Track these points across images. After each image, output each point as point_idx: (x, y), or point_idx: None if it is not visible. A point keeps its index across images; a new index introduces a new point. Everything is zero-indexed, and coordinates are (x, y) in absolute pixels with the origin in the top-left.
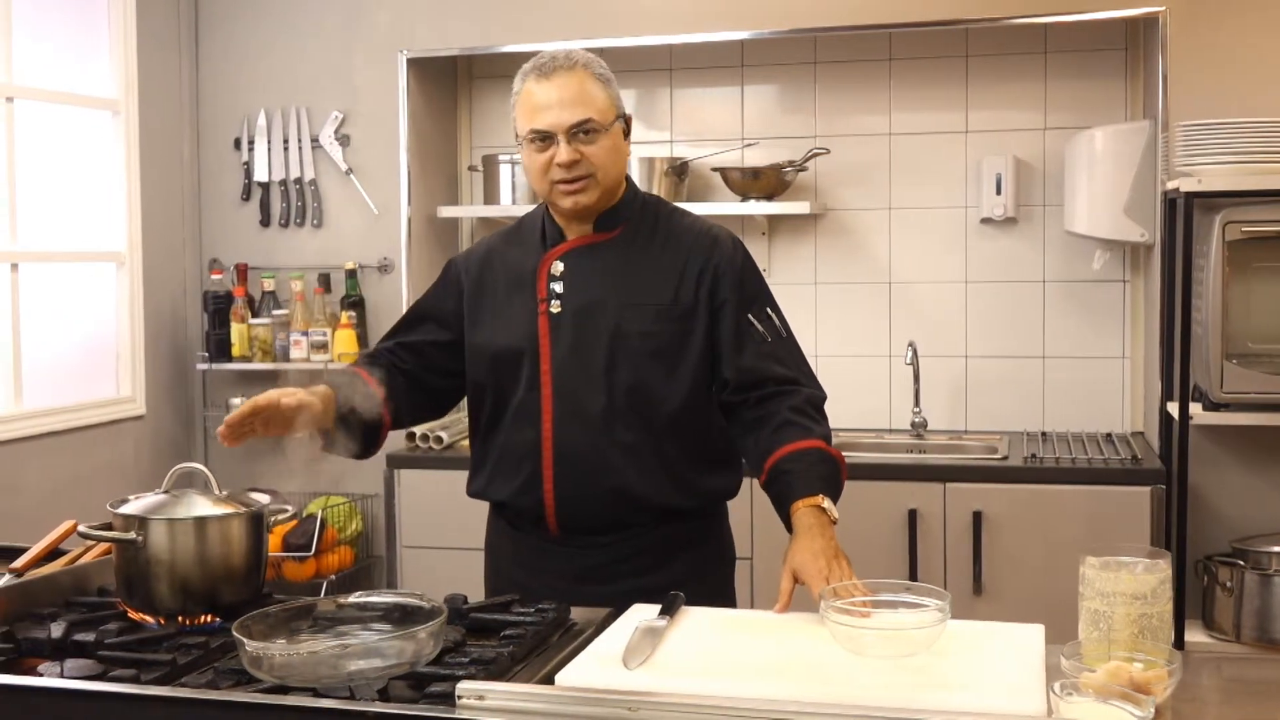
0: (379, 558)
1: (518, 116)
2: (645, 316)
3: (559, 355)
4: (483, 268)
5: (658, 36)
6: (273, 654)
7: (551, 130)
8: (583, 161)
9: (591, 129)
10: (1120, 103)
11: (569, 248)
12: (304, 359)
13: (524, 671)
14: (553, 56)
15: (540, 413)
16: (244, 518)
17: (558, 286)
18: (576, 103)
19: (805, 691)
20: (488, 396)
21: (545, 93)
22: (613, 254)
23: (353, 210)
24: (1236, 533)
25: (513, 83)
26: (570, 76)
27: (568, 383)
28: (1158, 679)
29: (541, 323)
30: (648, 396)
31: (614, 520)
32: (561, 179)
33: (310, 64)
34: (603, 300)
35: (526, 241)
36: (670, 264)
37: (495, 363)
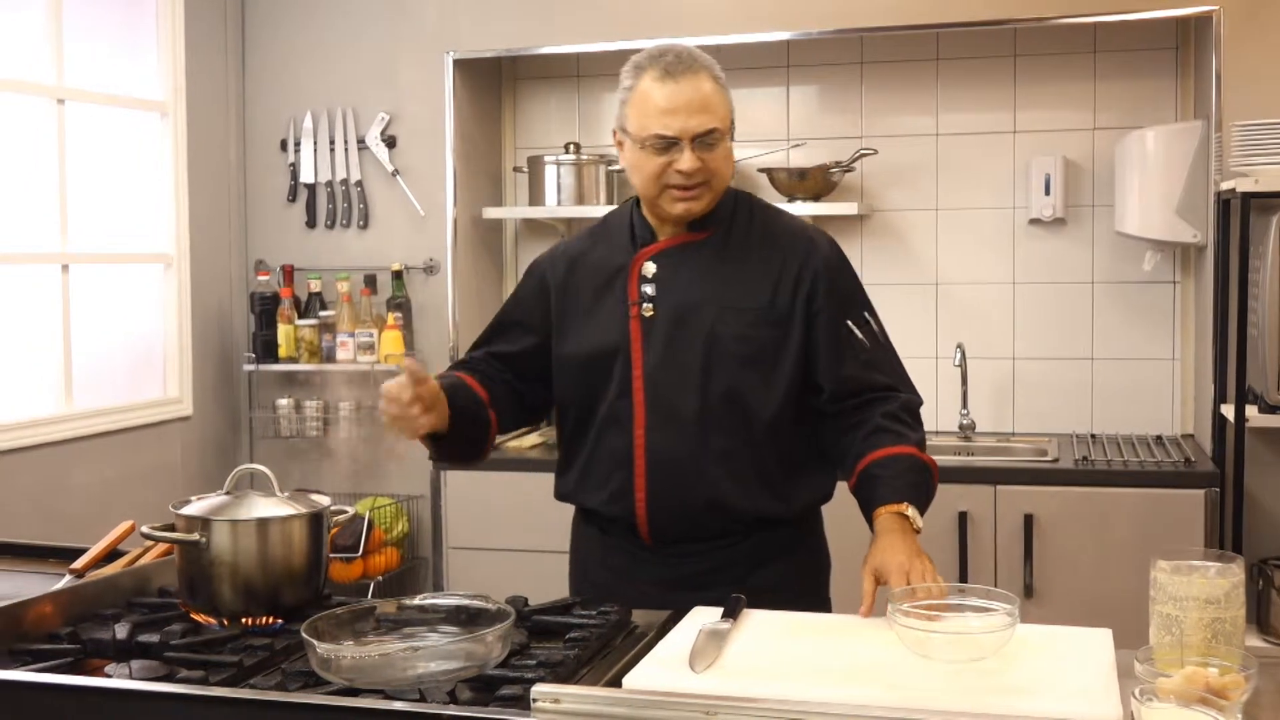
0: (425, 559)
1: (632, 115)
2: (741, 320)
3: (651, 360)
4: (569, 269)
5: (703, 37)
6: (343, 656)
7: (677, 137)
8: (702, 169)
9: (714, 137)
10: (1170, 103)
11: (661, 248)
12: (350, 360)
13: (590, 674)
14: (676, 55)
15: (632, 419)
16: (305, 519)
17: (649, 289)
18: (704, 109)
19: (878, 696)
20: (575, 401)
21: (670, 96)
22: (707, 255)
23: (398, 211)
24: None
25: (623, 76)
26: (695, 80)
27: (660, 388)
28: (1234, 684)
29: (633, 326)
30: (743, 403)
31: (708, 529)
32: (679, 185)
33: (356, 65)
34: (697, 303)
35: (614, 240)
36: (766, 266)
37: (585, 367)
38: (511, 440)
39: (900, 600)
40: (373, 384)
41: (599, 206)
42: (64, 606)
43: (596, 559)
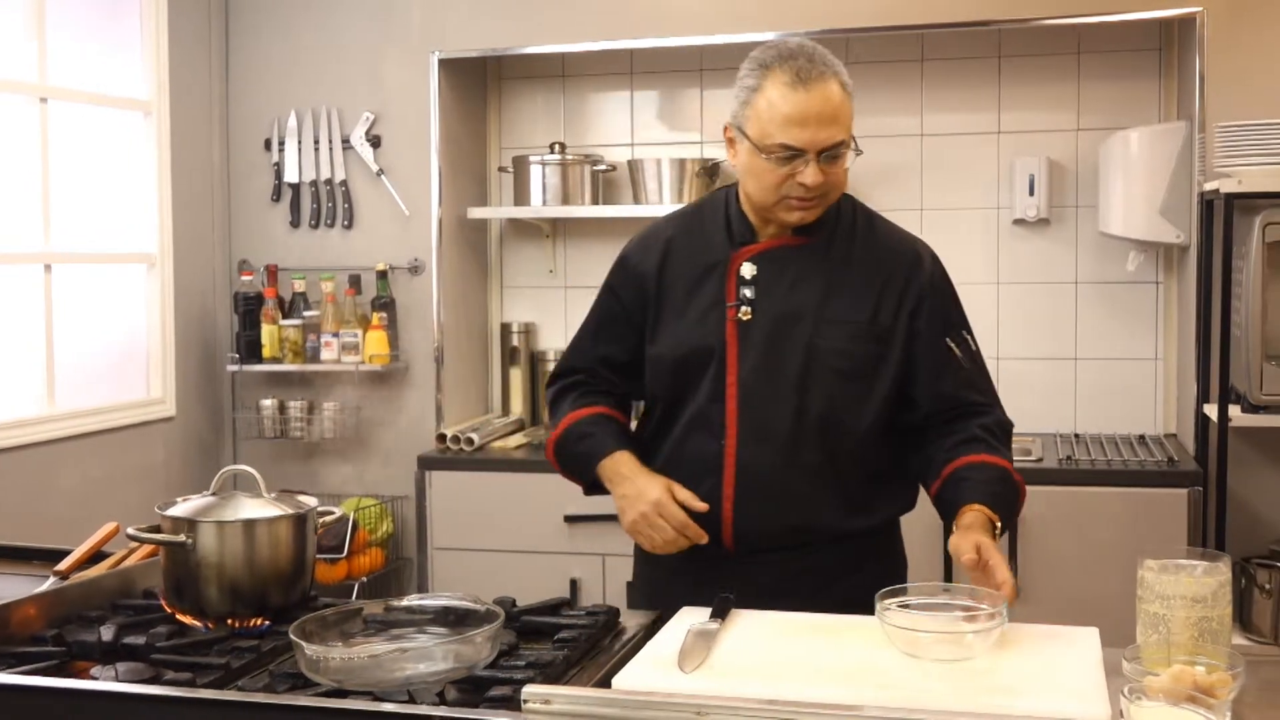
0: (409, 559)
1: (754, 118)
2: (842, 334)
3: (747, 366)
4: (664, 258)
5: (688, 38)
6: (331, 657)
7: (805, 149)
8: (824, 183)
9: (841, 151)
10: (1154, 104)
11: (762, 249)
12: (335, 360)
13: (580, 675)
14: (808, 59)
15: (723, 425)
16: (292, 520)
17: (748, 291)
18: (834, 121)
19: (869, 696)
20: (662, 398)
21: (801, 105)
22: (809, 261)
23: (383, 211)
24: (1274, 535)
25: (745, 73)
26: (826, 88)
27: (754, 398)
28: (1222, 683)
29: (729, 329)
30: (837, 419)
31: (791, 539)
32: (799, 196)
33: (341, 65)
34: (798, 312)
35: (709, 232)
36: (869, 279)
37: (678, 366)
38: (496, 441)
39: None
40: (357, 384)
41: (585, 207)
42: (48, 608)
43: (669, 566)
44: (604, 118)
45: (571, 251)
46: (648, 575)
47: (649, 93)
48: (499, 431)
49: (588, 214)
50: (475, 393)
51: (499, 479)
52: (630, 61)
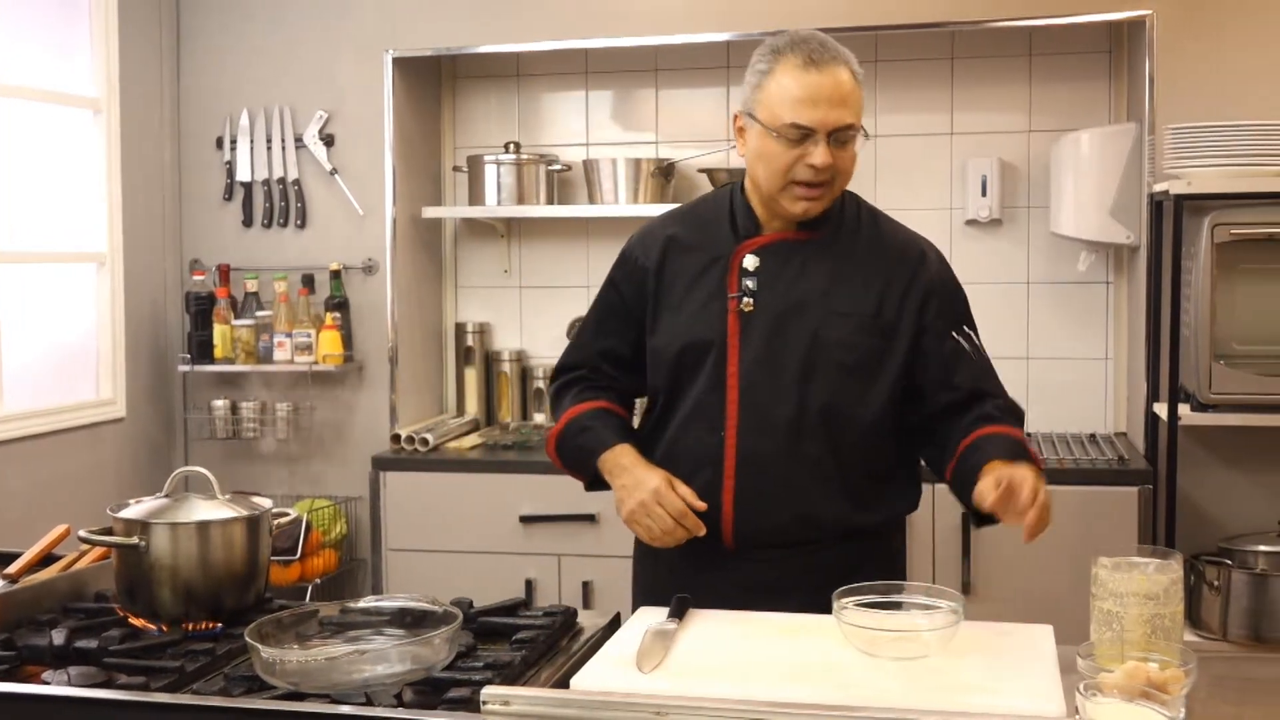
0: (363, 561)
1: (765, 101)
2: (846, 327)
3: (748, 357)
4: (665, 253)
5: (643, 37)
6: (288, 660)
7: (815, 128)
8: (832, 166)
9: (850, 134)
10: (1104, 105)
11: (766, 241)
12: (288, 361)
13: (538, 676)
14: (820, 43)
15: (723, 417)
16: (246, 522)
17: (750, 283)
18: (845, 103)
19: (827, 694)
20: (662, 389)
21: (812, 85)
22: (814, 255)
23: (337, 211)
24: (1223, 532)
25: (757, 59)
26: (839, 71)
27: (756, 389)
28: (1175, 679)
29: (731, 320)
30: (839, 412)
31: (793, 535)
32: (807, 181)
33: (294, 63)
34: (802, 304)
35: (711, 227)
36: (874, 273)
37: (678, 358)
38: (451, 441)
39: None
40: (310, 385)
41: (540, 206)
42: None
43: (668, 564)
44: (559, 117)
45: (526, 251)
46: (648, 574)
47: (604, 92)
48: (454, 432)
49: (543, 214)
50: (430, 393)
51: (454, 479)
52: (585, 61)
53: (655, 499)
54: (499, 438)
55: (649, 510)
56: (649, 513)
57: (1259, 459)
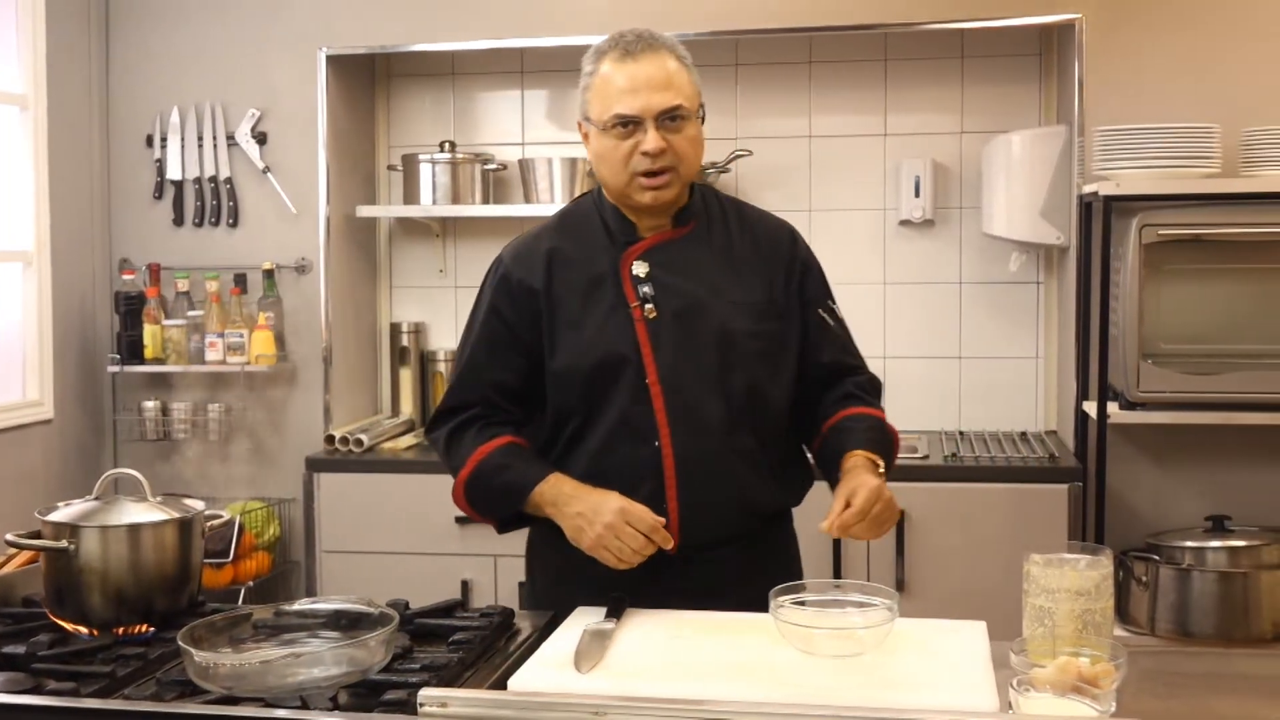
0: (297, 563)
1: (593, 100)
2: (749, 316)
3: (665, 362)
4: (549, 270)
5: (579, 37)
6: (221, 663)
7: (639, 116)
8: (668, 152)
9: (680, 115)
10: (1035, 107)
11: (648, 245)
12: (220, 361)
13: (475, 677)
14: (636, 35)
15: (654, 426)
16: (177, 524)
17: (646, 289)
18: (666, 86)
19: (764, 692)
20: (576, 411)
21: (631, 75)
22: (695, 251)
23: (269, 209)
24: (1151, 528)
25: (584, 65)
26: (657, 58)
27: (681, 392)
28: (1106, 673)
29: (639, 329)
30: (761, 399)
31: (735, 527)
32: (646, 170)
33: (226, 60)
34: (701, 302)
35: (586, 239)
36: (756, 260)
37: (590, 377)
38: (385, 441)
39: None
40: (243, 385)
41: (475, 206)
42: None
43: (594, 580)
44: (494, 117)
45: (462, 251)
46: (558, 591)
47: (539, 92)
48: (389, 432)
49: (478, 213)
50: (364, 393)
51: (389, 480)
52: (520, 61)
53: (622, 518)
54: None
55: (618, 532)
56: (619, 534)
57: (1185, 456)
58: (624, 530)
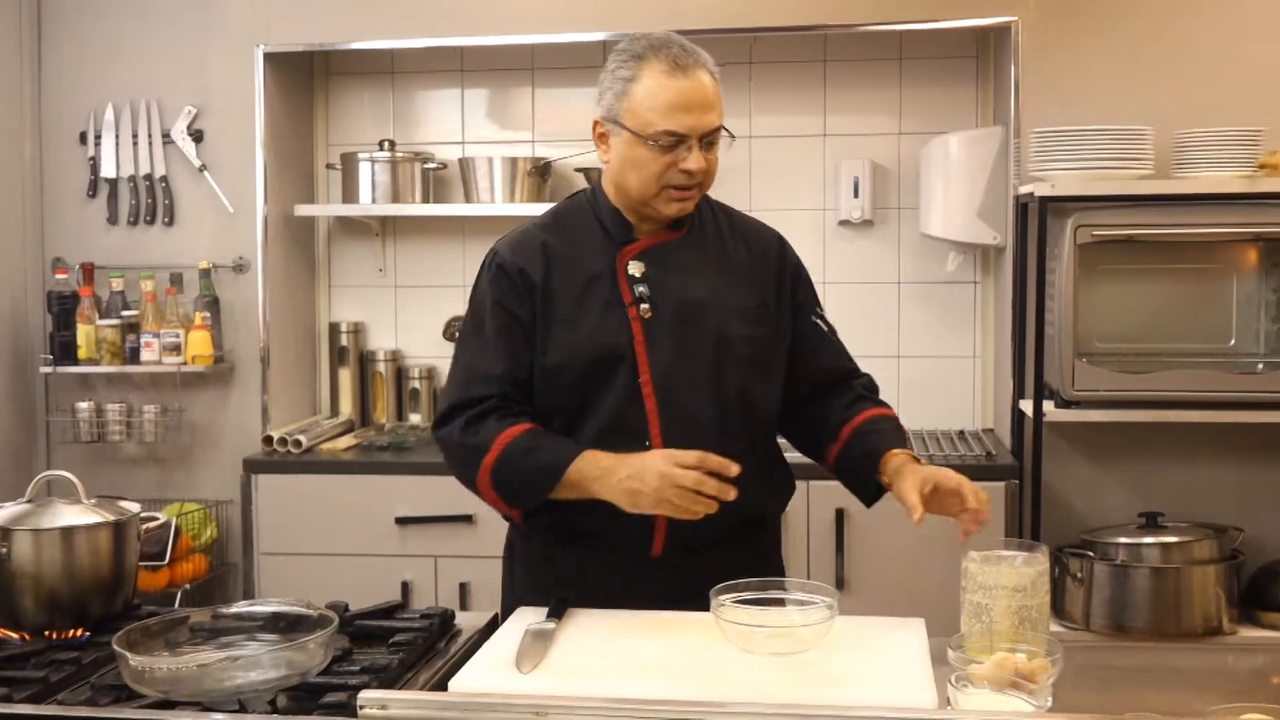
0: (235, 565)
1: (635, 110)
2: (744, 320)
3: (660, 363)
4: (548, 266)
5: (519, 36)
6: (158, 667)
7: (688, 134)
8: (704, 169)
9: (718, 138)
10: (972, 109)
11: (645, 246)
12: (155, 361)
13: (416, 679)
14: (681, 48)
15: (645, 427)
16: (112, 527)
17: (642, 288)
18: (712, 107)
19: (705, 690)
20: (563, 409)
21: (684, 92)
22: (691, 253)
23: (206, 208)
24: (1086, 525)
25: (617, 65)
26: (703, 75)
27: (674, 394)
28: (1042, 668)
29: (635, 328)
30: (751, 403)
31: (720, 531)
32: (681, 184)
33: (162, 57)
34: (699, 303)
35: (582, 237)
36: (748, 265)
37: (583, 375)
38: (324, 442)
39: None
40: (179, 386)
41: (415, 205)
42: None
43: (574, 584)
44: (434, 115)
45: (402, 250)
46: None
47: (480, 91)
48: (328, 433)
49: (418, 212)
50: (303, 394)
51: (328, 481)
52: (461, 59)
53: (672, 463)
54: (374, 438)
55: (674, 479)
56: (675, 480)
57: (1119, 453)
58: (678, 475)
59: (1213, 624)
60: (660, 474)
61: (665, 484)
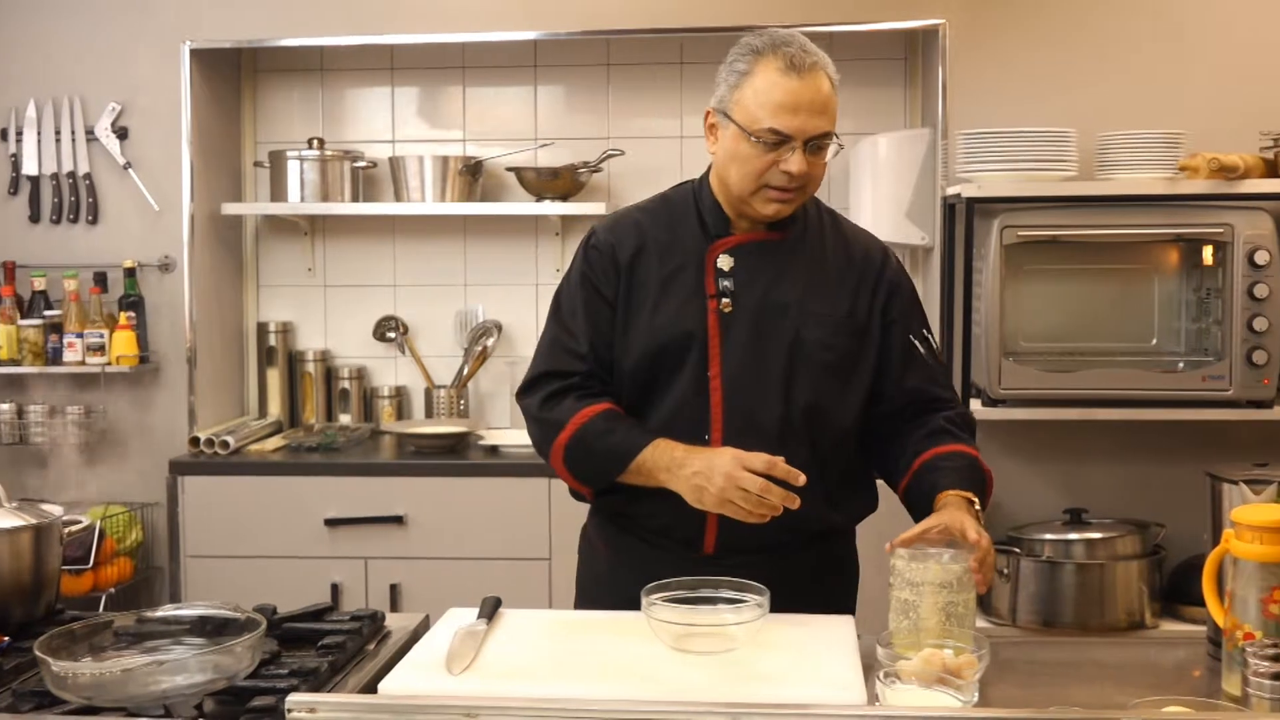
0: (160, 569)
1: (743, 101)
2: (824, 327)
3: (731, 359)
4: (639, 248)
5: (450, 34)
6: (81, 673)
7: (794, 135)
8: (805, 174)
9: (826, 143)
10: (900, 111)
11: (738, 242)
12: (79, 362)
13: (345, 682)
14: (801, 48)
15: (708, 421)
16: (34, 531)
17: (727, 283)
18: (824, 112)
19: (637, 690)
20: (636, 395)
21: (795, 92)
22: (785, 256)
23: (131, 206)
24: (1012, 521)
25: (735, 57)
26: (819, 78)
27: (740, 391)
28: (969, 664)
29: (711, 319)
30: (822, 414)
31: (774, 539)
32: (781, 185)
33: (85, 52)
34: (781, 305)
35: (679, 224)
36: (844, 274)
37: (654, 358)
38: (252, 443)
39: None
40: (103, 386)
41: (344, 204)
42: None
43: (631, 578)
44: (364, 114)
45: (331, 249)
46: (600, 586)
47: (410, 89)
48: (256, 434)
49: (348, 211)
50: (230, 394)
51: (256, 483)
52: (391, 57)
53: (739, 464)
54: (303, 439)
55: (739, 480)
56: (740, 482)
57: (1045, 451)
58: (743, 477)
59: (1136, 618)
60: (726, 474)
61: (730, 485)
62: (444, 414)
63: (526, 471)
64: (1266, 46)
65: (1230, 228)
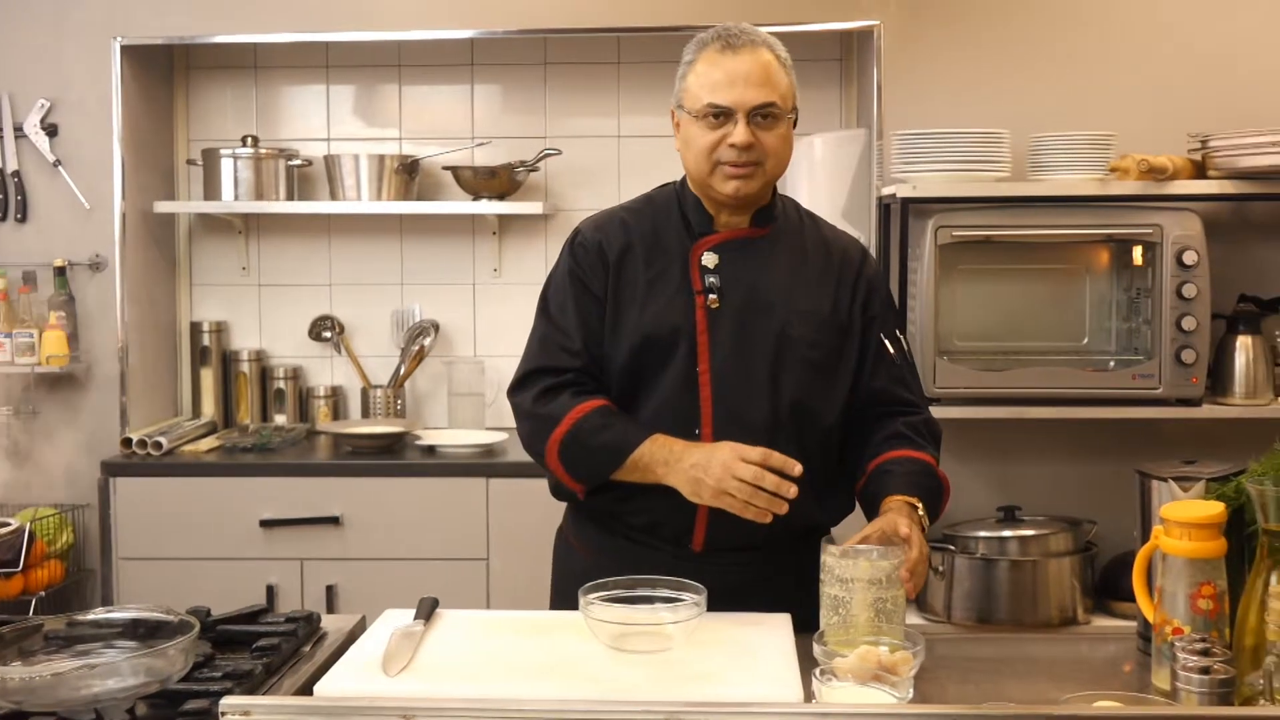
0: (92, 571)
1: (689, 89)
2: (810, 324)
3: (719, 355)
4: (626, 246)
5: (385, 32)
6: (10, 677)
7: (732, 108)
8: (756, 147)
9: (772, 114)
10: (836, 111)
11: (722, 239)
12: (8, 362)
13: (280, 684)
14: (740, 29)
15: (698, 416)
16: None
17: (713, 279)
18: (763, 83)
19: (575, 690)
20: (623, 390)
21: (729, 68)
22: (769, 253)
23: (61, 204)
24: (946, 519)
25: (684, 54)
26: (757, 54)
27: (728, 387)
28: (904, 660)
29: (699, 315)
30: (808, 410)
31: (760, 536)
32: (731, 161)
33: (13, 48)
34: (767, 302)
35: (663, 223)
36: (825, 271)
37: (641, 354)
38: (186, 444)
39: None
40: (33, 387)
41: (279, 202)
42: None
43: (620, 571)
44: (299, 111)
45: (265, 248)
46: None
47: (346, 87)
48: (189, 435)
49: (282, 210)
50: (163, 395)
51: (190, 484)
52: (326, 55)
53: (736, 456)
54: (238, 440)
55: (735, 472)
56: (736, 474)
57: (979, 449)
58: (739, 467)
59: (1068, 614)
60: (724, 464)
61: (727, 475)
62: (380, 414)
63: (464, 471)
64: (1194, 50)
65: (1159, 228)
